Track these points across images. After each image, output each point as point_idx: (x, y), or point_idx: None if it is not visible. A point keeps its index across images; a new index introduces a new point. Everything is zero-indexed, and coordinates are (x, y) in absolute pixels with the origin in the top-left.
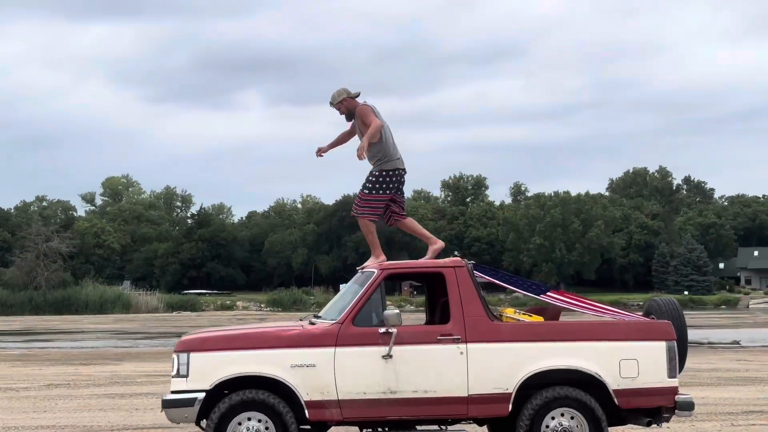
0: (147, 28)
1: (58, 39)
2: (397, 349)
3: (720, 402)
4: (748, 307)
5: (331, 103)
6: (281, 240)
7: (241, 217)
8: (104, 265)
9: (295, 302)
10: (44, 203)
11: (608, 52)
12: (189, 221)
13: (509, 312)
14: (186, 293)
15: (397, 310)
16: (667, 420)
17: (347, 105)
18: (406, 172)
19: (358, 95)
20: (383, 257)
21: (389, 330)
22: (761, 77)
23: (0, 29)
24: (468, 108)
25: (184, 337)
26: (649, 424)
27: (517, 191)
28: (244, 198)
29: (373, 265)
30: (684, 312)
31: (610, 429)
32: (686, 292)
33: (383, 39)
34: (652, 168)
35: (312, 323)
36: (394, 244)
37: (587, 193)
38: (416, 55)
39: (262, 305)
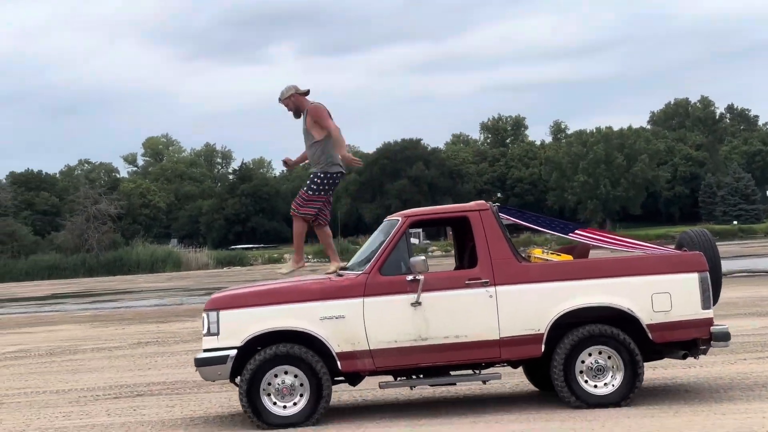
0: None
1: (87, 1)
2: (425, 296)
3: None
4: None
5: (280, 99)
6: None
7: (282, 171)
8: (151, 225)
9: (342, 252)
10: (87, 166)
11: None
12: (231, 177)
13: (537, 252)
14: (233, 248)
15: (423, 257)
16: (704, 352)
17: (295, 101)
18: (344, 175)
19: (307, 92)
20: (303, 263)
21: (417, 277)
22: None
23: None
24: (501, 48)
25: (213, 296)
26: (684, 357)
27: (557, 130)
28: (284, 152)
29: (397, 214)
30: (733, 242)
31: (646, 364)
32: (735, 222)
33: None
34: (694, 98)
35: (339, 275)
36: (437, 189)
37: (629, 128)
38: None
39: (309, 257)
